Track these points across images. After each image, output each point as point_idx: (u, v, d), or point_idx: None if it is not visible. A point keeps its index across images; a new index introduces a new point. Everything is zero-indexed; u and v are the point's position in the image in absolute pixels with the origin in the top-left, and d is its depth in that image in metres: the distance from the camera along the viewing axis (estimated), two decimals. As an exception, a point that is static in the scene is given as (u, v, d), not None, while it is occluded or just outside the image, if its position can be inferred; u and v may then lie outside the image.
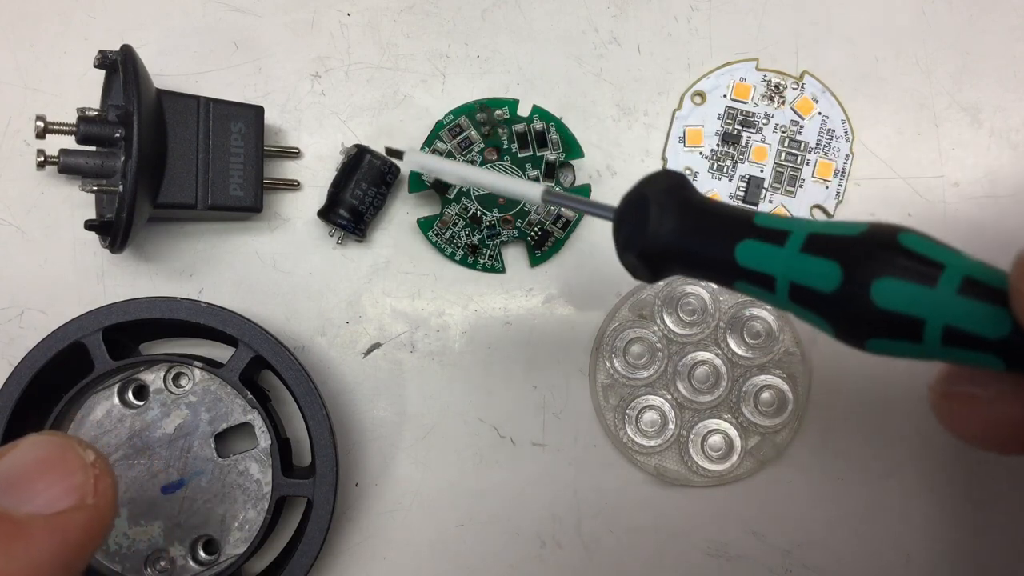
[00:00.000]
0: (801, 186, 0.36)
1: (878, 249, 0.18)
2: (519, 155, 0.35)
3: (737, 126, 0.37)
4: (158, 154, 0.32)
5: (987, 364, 0.17)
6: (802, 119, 0.37)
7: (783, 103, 0.37)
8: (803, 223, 0.19)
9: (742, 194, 0.36)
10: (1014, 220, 0.36)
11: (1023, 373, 0.17)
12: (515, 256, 0.36)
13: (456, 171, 0.29)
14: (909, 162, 0.37)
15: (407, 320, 0.36)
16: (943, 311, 0.17)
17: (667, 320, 0.35)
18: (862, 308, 0.17)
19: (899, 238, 0.18)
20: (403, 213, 0.36)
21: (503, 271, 0.36)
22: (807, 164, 0.36)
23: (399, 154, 0.30)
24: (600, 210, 0.23)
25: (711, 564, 0.35)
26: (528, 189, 0.25)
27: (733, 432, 0.35)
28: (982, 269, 0.17)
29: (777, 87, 0.37)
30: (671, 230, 0.21)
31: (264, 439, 0.32)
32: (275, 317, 0.35)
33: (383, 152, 0.33)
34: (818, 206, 0.36)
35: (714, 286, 0.35)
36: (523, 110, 0.36)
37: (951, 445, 0.36)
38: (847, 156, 0.36)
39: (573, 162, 0.36)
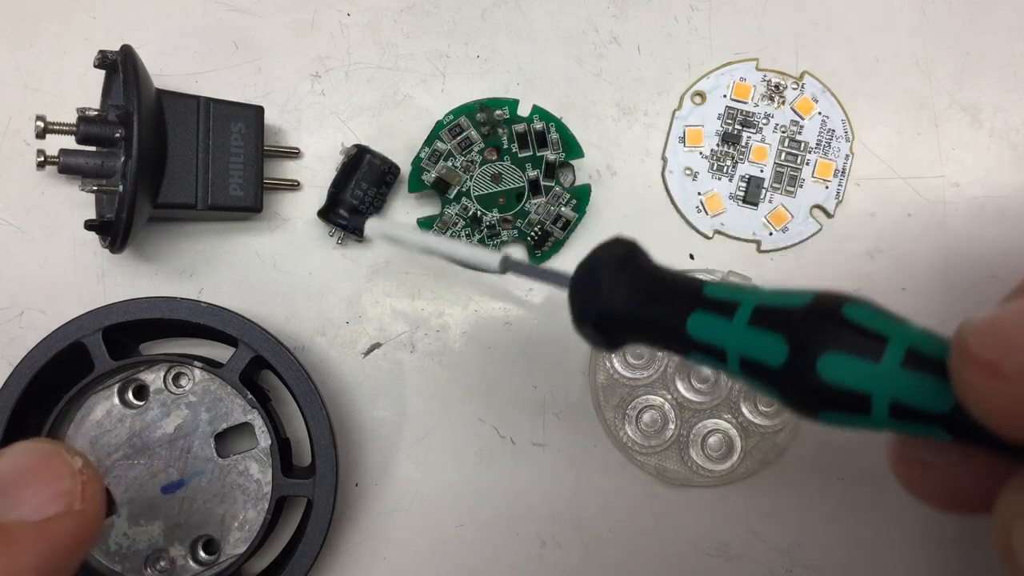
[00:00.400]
0: (801, 186, 0.36)
1: (823, 323, 0.17)
2: (519, 155, 0.35)
3: (737, 126, 0.37)
4: (158, 154, 0.32)
5: (935, 435, 0.17)
6: (802, 119, 0.37)
7: (783, 103, 0.37)
8: (752, 293, 0.19)
9: (742, 194, 0.36)
10: (1014, 220, 0.36)
11: (970, 446, 0.17)
12: (515, 256, 0.36)
13: (420, 241, 0.27)
14: (909, 162, 0.37)
15: (407, 320, 0.36)
16: (888, 385, 0.17)
17: (667, 320, 0.35)
18: (809, 383, 0.17)
19: (844, 310, 0.17)
20: (403, 213, 0.36)
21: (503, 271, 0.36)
22: (807, 164, 0.36)
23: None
24: (556, 281, 0.23)
25: (711, 564, 0.35)
26: (487, 259, 0.25)
27: (733, 432, 0.35)
28: (927, 340, 0.17)
29: (777, 87, 0.37)
30: (622, 300, 0.21)
31: (264, 439, 0.32)
32: (275, 317, 0.35)
33: (383, 152, 0.33)
34: (818, 206, 0.36)
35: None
36: (523, 110, 0.36)
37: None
38: (847, 156, 0.36)
39: (573, 162, 0.36)
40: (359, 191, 0.34)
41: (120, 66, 0.31)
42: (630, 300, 0.21)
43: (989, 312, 0.15)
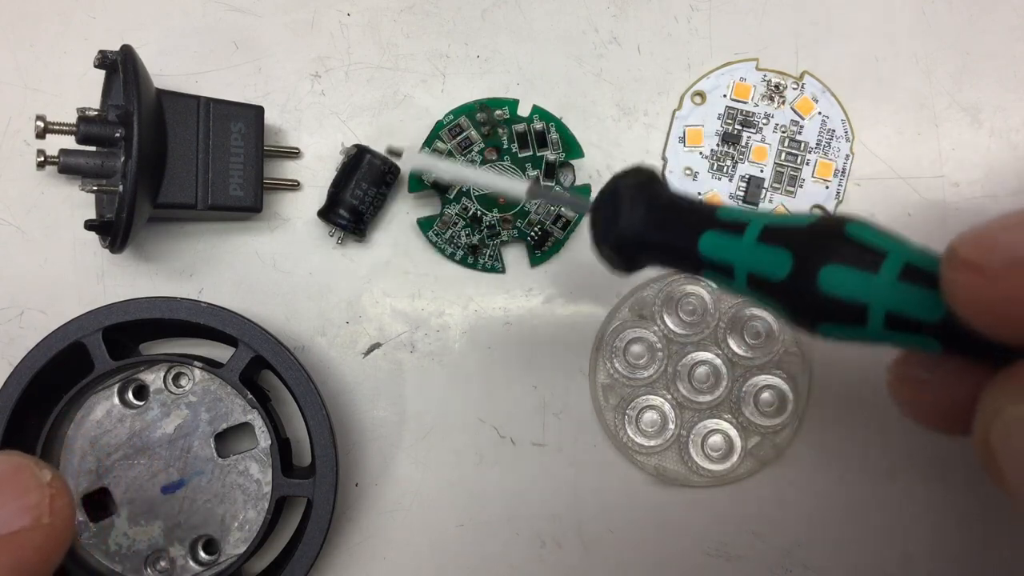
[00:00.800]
0: (801, 186, 0.36)
1: (825, 238, 0.19)
2: (519, 155, 0.35)
3: (737, 126, 0.37)
4: (158, 154, 0.32)
5: (927, 347, 0.18)
6: (802, 119, 0.37)
7: (783, 103, 0.37)
8: (761, 216, 0.20)
9: (742, 194, 0.36)
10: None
11: (959, 355, 0.18)
12: (515, 256, 0.36)
13: (453, 171, 0.31)
14: (909, 162, 0.37)
15: (407, 320, 0.36)
16: (884, 296, 0.18)
17: (667, 320, 0.35)
18: (810, 294, 0.18)
19: (846, 228, 0.19)
20: (403, 213, 0.36)
21: (503, 271, 0.36)
22: (807, 164, 0.36)
23: (399, 153, 0.32)
24: (578, 203, 0.25)
25: (711, 564, 0.35)
26: (515, 185, 0.27)
27: (733, 432, 0.35)
28: (923, 256, 0.18)
29: (777, 87, 0.37)
30: (641, 222, 0.22)
31: (264, 439, 0.32)
32: (275, 317, 0.35)
33: (383, 152, 0.33)
34: (818, 206, 0.36)
35: (713, 285, 0.35)
36: (523, 110, 0.36)
37: (951, 445, 0.36)
38: (847, 156, 0.36)
39: (573, 162, 0.36)
40: (359, 191, 0.34)
41: (120, 66, 0.31)
42: (647, 221, 0.22)
43: (978, 224, 0.16)
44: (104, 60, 0.31)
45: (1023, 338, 0.15)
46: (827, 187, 0.36)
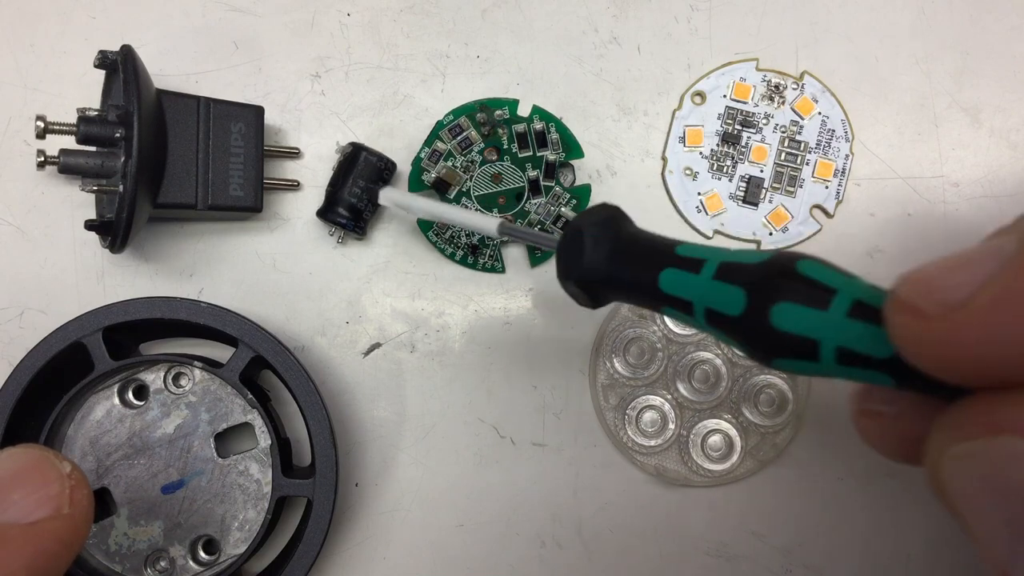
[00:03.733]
0: (801, 186, 0.36)
1: (777, 277, 0.19)
2: (519, 155, 0.35)
3: (737, 126, 0.37)
4: (158, 154, 0.32)
5: (880, 382, 0.18)
6: (802, 119, 0.37)
7: (783, 103, 0.37)
8: (718, 253, 0.21)
9: (742, 194, 0.36)
10: (1014, 220, 0.36)
11: (912, 390, 0.18)
12: (515, 256, 0.36)
13: (427, 207, 0.32)
14: (909, 162, 0.37)
15: (407, 320, 0.36)
16: (834, 332, 0.18)
17: (667, 320, 0.35)
18: (764, 330, 0.19)
19: (797, 265, 0.19)
20: (403, 213, 0.36)
21: (503, 271, 0.36)
22: (807, 164, 0.36)
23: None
24: (545, 242, 0.26)
25: (711, 564, 0.35)
26: (485, 223, 0.29)
27: (733, 432, 0.35)
28: (872, 292, 0.18)
29: (777, 87, 0.37)
30: (604, 260, 0.23)
31: (264, 439, 0.32)
32: (275, 317, 0.35)
33: (380, 150, 0.33)
34: (818, 206, 0.36)
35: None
36: (523, 110, 0.36)
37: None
38: (847, 156, 0.36)
39: (573, 162, 0.36)
40: (357, 189, 0.34)
41: (120, 66, 0.31)
42: (610, 260, 0.23)
43: (920, 265, 0.16)
44: (104, 60, 0.31)
45: (964, 378, 0.16)
46: (827, 187, 0.36)
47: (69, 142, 0.31)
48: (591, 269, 0.23)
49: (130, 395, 0.33)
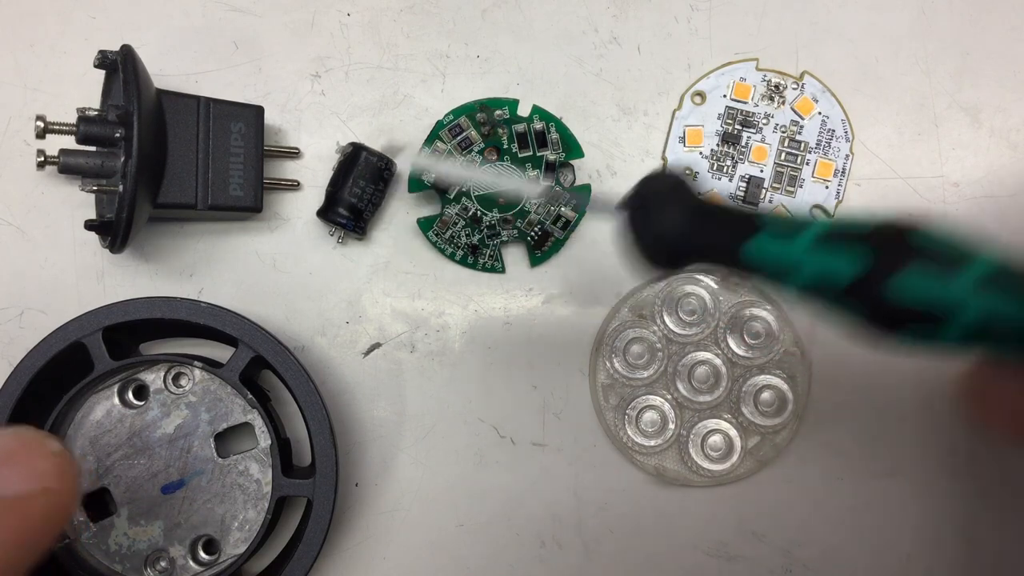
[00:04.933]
0: (801, 186, 0.36)
1: (898, 242, 0.18)
2: (519, 155, 0.35)
3: (737, 126, 0.37)
4: (158, 154, 0.32)
5: (1004, 351, 0.18)
6: (802, 119, 0.37)
7: (783, 103, 0.37)
8: (815, 221, 0.21)
9: (742, 194, 0.36)
10: (1014, 220, 0.36)
11: None
12: (515, 256, 0.36)
13: (464, 173, 0.32)
14: (909, 162, 0.37)
15: (407, 320, 0.36)
16: (969, 300, 0.17)
17: (667, 320, 0.35)
18: (885, 299, 0.18)
19: (916, 233, 0.18)
20: (403, 213, 0.36)
21: (503, 271, 0.36)
22: (807, 164, 0.36)
23: (400, 149, 0.34)
24: (605, 210, 0.25)
25: (711, 564, 0.35)
26: (528, 186, 0.28)
27: (733, 432, 0.35)
28: (1001, 263, 0.18)
29: (777, 87, 0.37)
30: (681, 224, 0.22)
31: (264, 439, 0.32)
32: (275, 317, 0.35)
33: (379, 148, 0.33)
34: (818, 206, 0.36)
35: (714, 286, 0.35)
36: (523, 110, 0.36)
37: (950, 444, 0.36)
38: (847, 156, 0.36)
39: (573, 162, 0.36)
40: (357, 188, 0.34)
41: (120, 66, 0.31)
42: (702, 226, 0.22)
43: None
44: (104, 60, 0.31)
45: None
46: (827, 187, 0.36)
47: (69, 142, 0.31)
48: (670, 233, 0.22)
49: (130, 395, 0.33)
